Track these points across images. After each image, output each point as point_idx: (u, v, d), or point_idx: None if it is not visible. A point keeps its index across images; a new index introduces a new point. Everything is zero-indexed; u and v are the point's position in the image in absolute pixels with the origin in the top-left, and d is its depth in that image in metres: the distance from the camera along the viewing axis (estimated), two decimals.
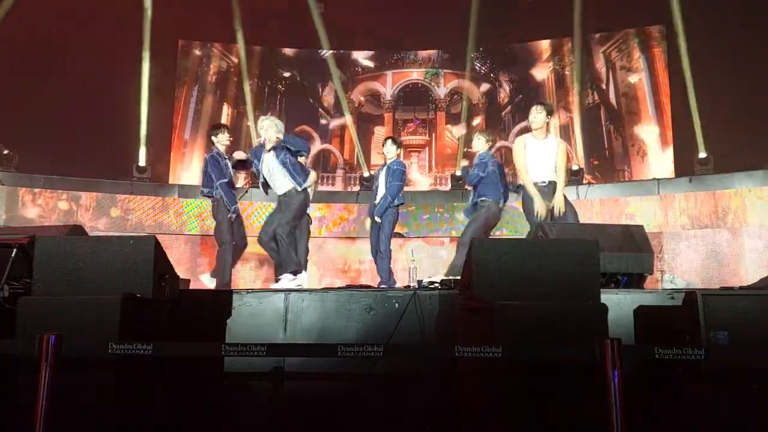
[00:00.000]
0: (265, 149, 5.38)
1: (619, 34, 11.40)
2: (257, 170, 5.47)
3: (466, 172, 6.14)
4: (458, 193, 10.00)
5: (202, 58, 11.98)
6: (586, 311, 2.84)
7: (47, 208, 9.25)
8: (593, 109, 11.43)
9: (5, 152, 9.34)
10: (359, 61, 12.44)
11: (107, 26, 10.05)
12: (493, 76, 12.17)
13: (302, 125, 12.09)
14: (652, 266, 4.18)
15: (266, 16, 11.21)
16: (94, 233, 8.19)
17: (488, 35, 11.37)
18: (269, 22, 11.34)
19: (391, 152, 6.16)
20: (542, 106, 5.27)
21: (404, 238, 9.21)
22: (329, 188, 11.59)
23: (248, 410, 3.64)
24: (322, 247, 9.69)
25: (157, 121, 10.60)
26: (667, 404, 2.99)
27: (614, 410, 2.29)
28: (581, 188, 9.73)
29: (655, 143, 10.89)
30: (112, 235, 8.72)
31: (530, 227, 5.05)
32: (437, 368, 3.51)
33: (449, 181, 10.80)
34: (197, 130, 11.67)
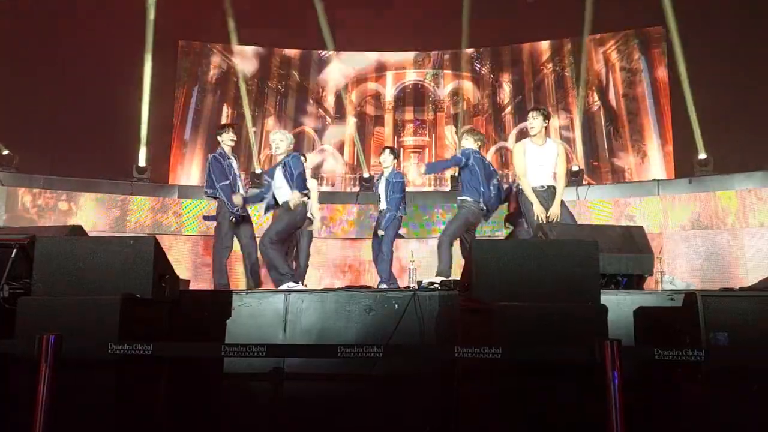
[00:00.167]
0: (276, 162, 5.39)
1: (619, 35, 11.41)
2: (268, 187, 5.39)
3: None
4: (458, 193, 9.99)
5: (202, 58, 11.99)
6: (585, 312, 2.84)
7: (47, 208, 9.25)
8: (593, 110, 11.44)
9: (5, 152, 9.36)
10: (359, 61, 12.44)
11: (107, 26, 10.06)
12: (493, 77, 12.17)
13: (302, 126, 12.10)
14: (651, 267, 4.19)
15: (266, 16, 11.22)
16: (93, 234, 8.19)
17: (488, 36, 11.39)
18: (269, 22, 11.34)
19: (387, 161, 6.18)
20: (538, 111, 5.26)
21: (404, 238, 9.20)
22: (329, 189, 11.59)
23: (248, 411, 3.63)
24: (321, 247, 9.68)
25: (157, 121, 10.61)
26: (666, 405, 2.98)
27: (614, 411, 2.30)
28: (581, 189, 9.73)
29: (655, 144, 10.89)
30: (111, 235, 8.73)
31: (530, 229, 5.07)
32: (437, 369, 3.51)
33: (449, 182, 10.80)
34: (197, 130, 11.68)
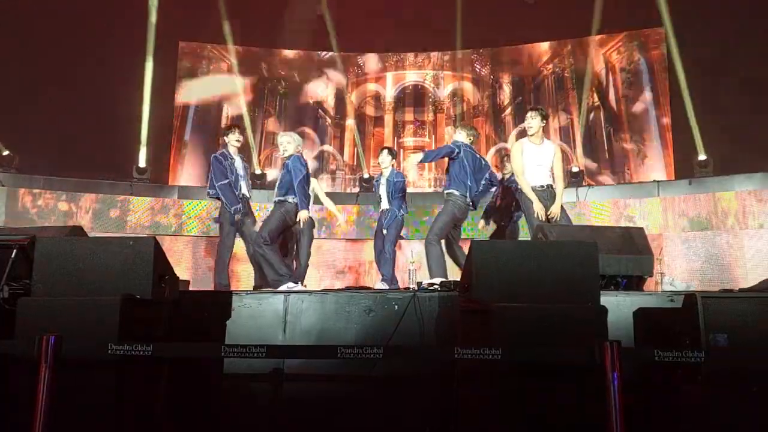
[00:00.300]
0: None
1: (619, 36, 11.41)
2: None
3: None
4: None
5: (202, 59, 11.98)
6: (585, 313, 2.84)
7: (47, 209, 9.25)
8: (593, 110, 11.43)
9: (5, 153, 9.36)
10: (359, 62, 12.44)
11: (108, 27, 10.06)
12: (493, 77, 12.18)
13: (302, 126, 12.09)
14: (651, 268, 4.18)
15: (266, 17, 11.22)
16: (93, 234, 8.19)
17: (488, 36, 11.38)
18: (269, 23, 11.34)
19: (385, 162, 6.19)
20: (536, 111, 5.29)
21: (404, 239, 9.20)
22: (329, 189, 11.59)
23: (248, 411, 3.63)
24: (321, 248, 9.68)
25: (156, 122, 10.61)
26: (666, 406, 2.98)
27: (614, 412, 2.30)
28: (581, 190, 9.73)
29: (655, 145, 10.89)
30: (111, 236, 8.73)
31: (529, 229, 5.08)
32: (437, 370, 3.51)
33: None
34: (197, 131, 11.67)
